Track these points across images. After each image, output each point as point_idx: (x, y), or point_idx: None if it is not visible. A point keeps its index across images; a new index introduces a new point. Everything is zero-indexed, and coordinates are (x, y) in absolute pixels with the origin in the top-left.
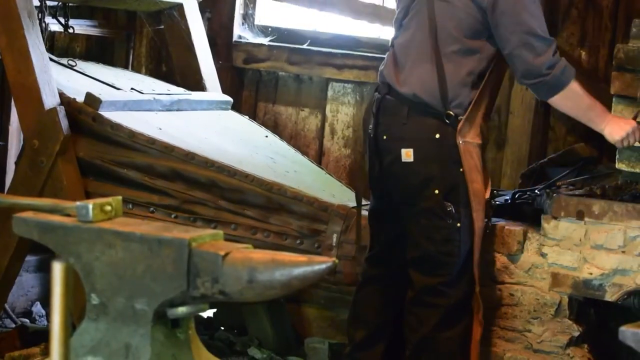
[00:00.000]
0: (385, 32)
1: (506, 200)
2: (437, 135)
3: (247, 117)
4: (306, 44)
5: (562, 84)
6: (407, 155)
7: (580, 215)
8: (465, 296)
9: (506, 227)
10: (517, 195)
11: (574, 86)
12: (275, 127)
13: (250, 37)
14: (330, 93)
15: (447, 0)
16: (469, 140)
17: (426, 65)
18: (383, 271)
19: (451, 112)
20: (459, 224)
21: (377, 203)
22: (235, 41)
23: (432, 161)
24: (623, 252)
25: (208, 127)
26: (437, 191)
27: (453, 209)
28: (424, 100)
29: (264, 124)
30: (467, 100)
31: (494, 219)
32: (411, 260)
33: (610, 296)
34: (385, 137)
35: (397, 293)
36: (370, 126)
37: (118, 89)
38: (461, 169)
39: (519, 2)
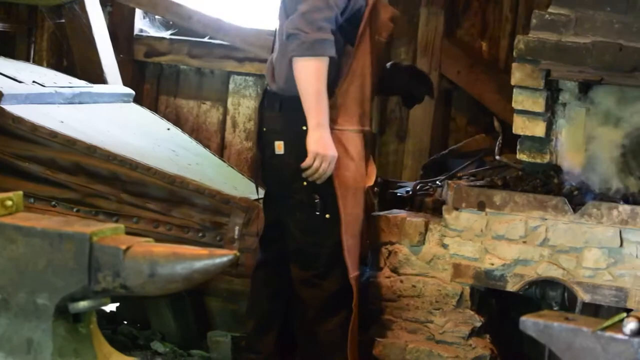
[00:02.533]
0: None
1: (407, 191)
2: (304, 127)
3: (148, 109)
4: (207, 37)
5: (313, 49)
6: (279, 147)
7: (481, 206)
8: (341, 287)
9: (407, 218)
10: (418, 187)
11: (316, 63)
12: (176, 120)
13: (151, 31)
14: (231, 86)
15: None
16: (337, 128)
17: (286, 57)
18: (273, 255)
19: None
20: (327, 215)
21: (267, 189)
22: (137, 35)
23: (300, 153)
24: (524, 242)
25: (110, 120)
26: (305, 183)
27: (320, 201)
28: (290, 93)
29: (165, 117)
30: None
31: (395, 211)
32: (289, 254)
33: (512, 286)
34: (264, 130)
35: (286, 279)
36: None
37: (20, 82)
38: None
39: None
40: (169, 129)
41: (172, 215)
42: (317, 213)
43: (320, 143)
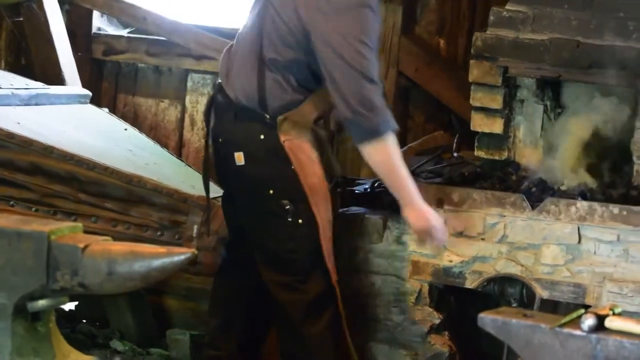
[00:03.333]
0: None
1: (365, 189)
2: (262, 137)
3: (106, 110)
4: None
5: (380, 130)
6: (239, 159)
7: (439, 203)
8: (324, 290)
9: (366, 216)
10: (376, 184)
11: (385, 144)
12: (135, 118)
13: (109, 29)
14: (189, 84)
15: (275, 8)
16: (295, 137)
17: (247, 67)
18: (237, 257)
19: (268, 115)
20: (300, 221)
21: (226, 192)
22: (95, 33)
23: (261, 163)
24: (482, 239)
25: (67, 121)
26: (271, 191)
27: (291, 207)
28: (246, 104)
29: (123, 115)
30: (287, 102)
31: (353, 209)
32: (261, 260)
33: (470, 283)
34: (220, 140)
35: (251, 280)
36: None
37: None
38: (292, 167)
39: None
40: (126, 130)
41: (131, 214)
42: (289, 220)
43: (421, 219)
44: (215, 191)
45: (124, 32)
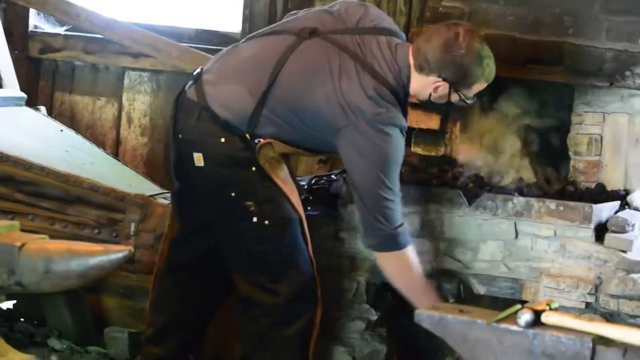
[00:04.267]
0: (185, 23)
1: (303, 186)
2: (223, 139)
3: (43, 109)
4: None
5: (400, 244)
6: (198, 159)
7: None
8: (299, 291)
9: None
10: (313, 181)
11: (409, 252)
12: (72, 116)
13: (46, 27)
14: (126, 82)
15: (309, 70)
16: (261, 134)
17: (246, 91)
18: (187, 258)
19: (248, 135)
20: (267, 222)
21: (183, 189)
22: (31, 31)
23: (222, 165)
24: (420, 235)
25: (2, 124)
26: (233, 194)
27: (255, 208)
28: (226, 118)
29: (60, 113)
30: (271, 135)
31: None
32: (229, 262)
33: None
34: (180, 137)
35: (200, 283)
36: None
37: None
38: (253, 168)
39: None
40: (62, 131)
41: (68, 212)
42: (255, 221)
43: None
44: (153, 189)
45: (60, 30)
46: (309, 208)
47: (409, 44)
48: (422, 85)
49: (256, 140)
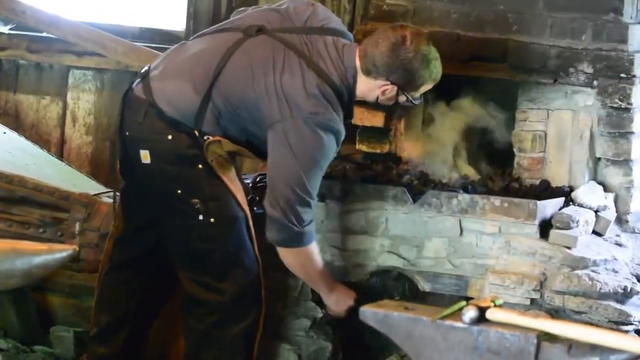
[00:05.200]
0: (129, 21)
1: (248, 183)
2: (170, 137)
3: None
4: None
5: (304, 242)
6: (145, 157)
7: (321, 197)
8: (245, 290)
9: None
10: (258, 179)
11: (312, 248)
12: (16, 116)
13: None
14: (71, 80)
15: (252, 67)
16: (208, 131)
17: (190, 87)
18: (131, 257)
19: (197, 133)
20: (212, 220)
21: (128, 187)
22: None
23: (168, 162)
24: (364, 232)
25: None
26: (179, 191)
27: (201, 206)
28: (173, 115)
29: (5, 112)
30: (217, 133)
31: None
32: (175, 261)
33: (353, 277)
34: (127, 134)
35: (144, 281)
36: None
37: None
38: (200, 165)
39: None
40: (5, 133)
41: (12, 212)
42: (200, 219)
43: (340, 304)
44: (97, 188)
45: (4, 29)
46: (255, 209)
47: (357, 45)
48: (369, 88)
49: (205, 137)
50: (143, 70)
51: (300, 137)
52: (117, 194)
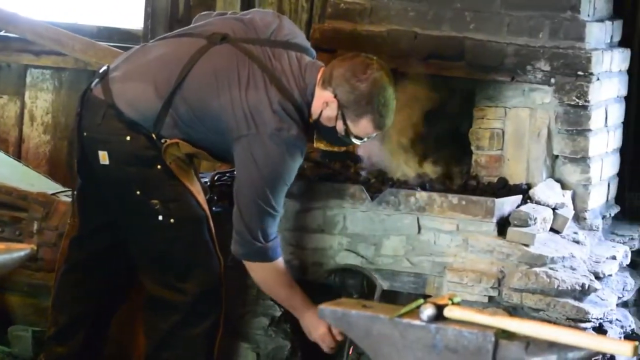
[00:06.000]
0: (86, 20)
1: (206, 182)
2: (128, 138)
3: None
4: (3, 31)
5: (269, 257)
6: (104, 158)
7: None
8: (207, 290)
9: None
10: (216, 177)
11: (277, 264)
12: None
13: None
14: (28, 79)
15: (217, 76)
16: (167, 134)
17: (152, 90)
18: (88, 256)
19: (154, 136)
20: (172, 220)
21: (85, 186)
22: None
23: (127, 163)
24: (322, 231)
25: None
26: (138, 192)
27: (161, 207)
28: (131, 117)
29: None
30: (175, 136)
31: None
32: (136, 260)
33: (312, 275)
34: (85, 134)
35: (101, 281)
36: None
37: None
38: (159, 166)
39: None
40: None
41: None
42: (160, 219)
43: (313, 329)
44: (55, 188)
45: None
46: (214, 208)
47: (322, 64)
48: (318, 99)
49: (162, 140)
50: (101, 70)
51: (265, 153)
52: (75, 192)
